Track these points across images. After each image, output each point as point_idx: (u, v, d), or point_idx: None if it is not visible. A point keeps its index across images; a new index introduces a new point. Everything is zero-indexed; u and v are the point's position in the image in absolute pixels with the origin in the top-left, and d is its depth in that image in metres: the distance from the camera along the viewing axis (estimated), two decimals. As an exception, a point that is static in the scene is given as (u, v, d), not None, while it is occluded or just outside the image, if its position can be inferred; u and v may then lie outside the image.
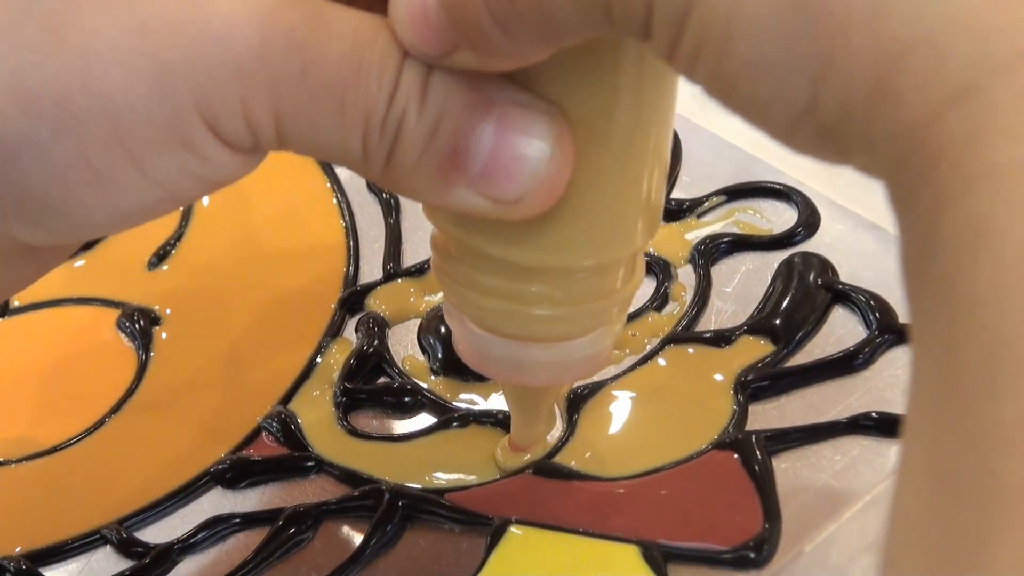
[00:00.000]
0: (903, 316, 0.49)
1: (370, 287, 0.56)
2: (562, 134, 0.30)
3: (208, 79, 0.28)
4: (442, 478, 0.48)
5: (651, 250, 0.55)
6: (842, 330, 0.51)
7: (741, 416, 0.48)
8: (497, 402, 0.50)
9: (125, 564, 0.46)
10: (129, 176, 0.30)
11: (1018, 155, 0.21)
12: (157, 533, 0.48)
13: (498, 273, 0.35)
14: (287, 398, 0.52)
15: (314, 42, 0.29)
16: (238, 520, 0.47)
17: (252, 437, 0.50)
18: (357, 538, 0.46)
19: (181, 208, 0.62)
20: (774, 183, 0.57)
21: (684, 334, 0.51)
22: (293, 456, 0.49)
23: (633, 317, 0.53)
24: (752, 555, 0.42)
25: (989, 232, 0.21)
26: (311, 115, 0.29)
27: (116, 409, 0.53)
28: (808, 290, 0.52)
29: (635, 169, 0.33)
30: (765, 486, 0.44)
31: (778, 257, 0.54)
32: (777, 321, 0.51)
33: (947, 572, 0.20)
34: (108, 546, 0.47)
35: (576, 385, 0.50)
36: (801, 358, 0.50)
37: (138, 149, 0.29)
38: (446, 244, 0.36)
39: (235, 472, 0.49)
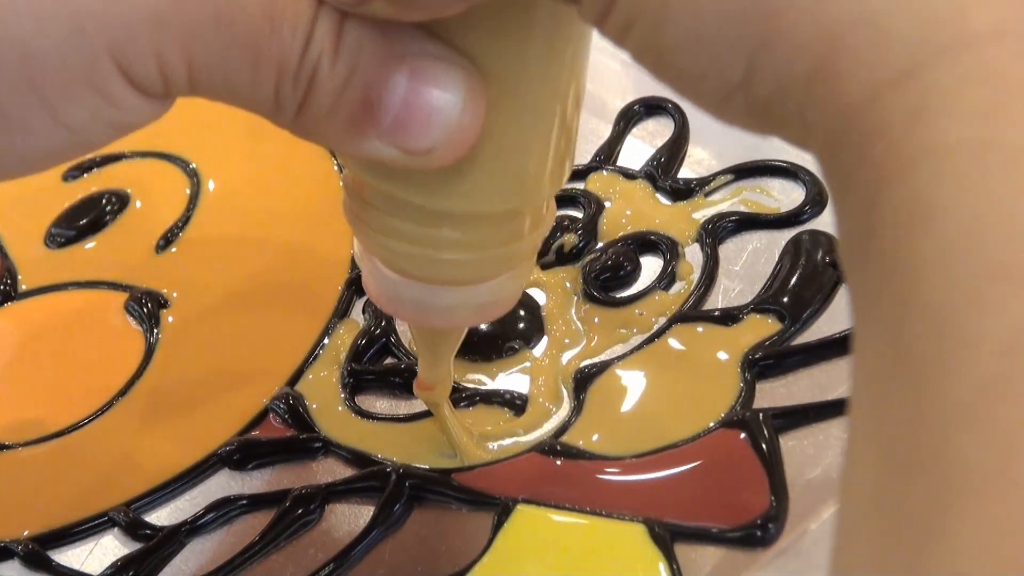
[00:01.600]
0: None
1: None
2: (474, 86, 0.30)
3: (123, 25, 0.28)
4: (449, 458, 0.48)
5: (658, 229, 0.55)
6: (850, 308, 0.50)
7: (748, 394, 0.47)
8: (504, 382, 0.50)
9: (133, 546, 0.47)
10: (40, 121, 0.30)
11: (962, 135, 0.21)
12: (165, 515, 0.48)
13: (408, 217, 0.35)
14: (295, 379, 0.52)
15: None
16: (245, 502, 0.47)
17: (260, 419, 0.51)
18: (364, 519, 0.46)
19: (188, 191, 0.62)
20: (781, 161, 0.57)
21: (691, 313, 0.51)
22: (300, 437, 0.49)
23: (640, 296, 0.52)
24: (759, 533, 0.42)
25: (933, 210, 0.21)
26: (224, 63, 0.29)
27: (124, 392, 0.53)
28: (816, 268, 0.52)
29: (545, 121, 0.33)
30: (772, 464, 0.44)
31: (786, 235, 0.54)
32: (785, 299, 0.50)
33: (904, 554, 0.20)
34: (116, 528, 0.47)
35: (583, 364, 0.50)
36: (808, 336, 0.50)
37: (51, 95, 0.29)
38: (358, 187, 0.37)
39: (243, 454, 0.49)
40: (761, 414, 0.46)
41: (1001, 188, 0.20)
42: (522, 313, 0.52)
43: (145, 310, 0.56)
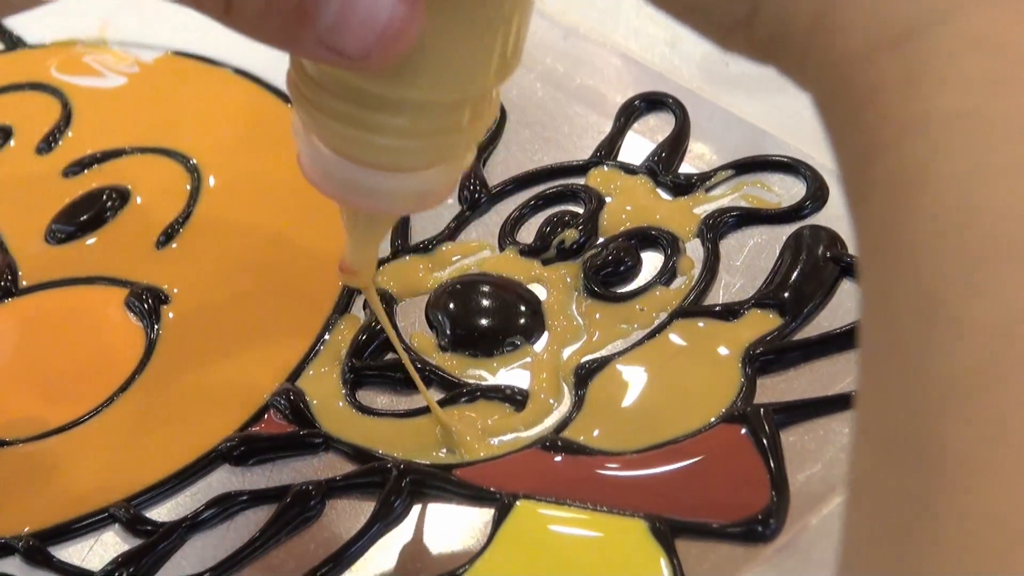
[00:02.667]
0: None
1: (378, 263, 0.56)
2: None
3: None
4: (449, 453, 0.48)
5: (659, 224, 0.55)
6: (850, 303, 0.50)
7: (749, 389, 0.47)
8: (505, 378, 0.50)
9: (134, 543, 0.47)
10: None
11: (955, 105, 0.21)
12: (166, 511, 0.48)
13: (349, 99, 0.35)
14: (295, 375, 0.52)
15: None
16: (246, 497, 0.47)
17: (260, 414, 0.50)
18: (365, 514, 0.46)
19: (189, 187, 0.62)
20: (782, 156, 0.57)
21: (692, 308, 0.51)
22: (301, 433, 0.49)
23: (641, 291, 0.52)
24: (760, 528, 0.42)
25: (926, 181, 0.21)
26: None
27: (124, 388, 0.53)
28: (817, 263, 0.52)
29: (487, 13, 0.33)
30: (773, 459, 0.44)
31: (787, 230, 0.54)
32: (785, 294, 0.50)
33: (894, 538, 0.20)
34: (117, 525, 0.47)
35: (584, 359, 0.50)
36: (809, 331, 0.50)
37: None
38: (302, 63, 0.36)
39: (243, 450, 0.49)
40: (762, 409, 0.46)
41: (995, 161, 0.20)
42: (523, 308, 0.52)
43: (146, 306, 0.56)
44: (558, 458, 0.46)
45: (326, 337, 0.53)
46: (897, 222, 0.21)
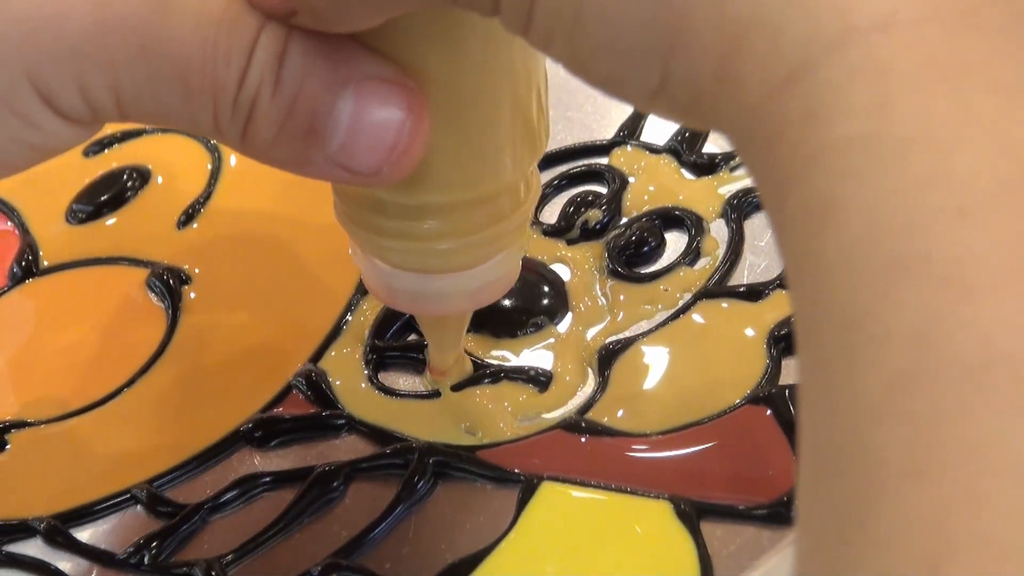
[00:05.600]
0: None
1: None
2: (416, 103, 0.31)
3: (40, 56, 0.29)
4: (473, 435, 0.47)
5: (683, 204, 0.55)
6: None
7: (775, 371, 0.47)
8: (529, 358, 0.50)
9: (155, 524, 0.46)
10: None
11: (851, 132, 0.21)
12: (187, 492, 0.48)
13: (390, 214, 0.37)
14: (317, 356, 0.52)
15: (152, 23, 0.29)
16: (269, 479, 0.47)
17: (282, 396, 0.50)
18: (388, 496, 0.45)
19: (209, 167, 0.62)
20: (808, 135, 0.56)
21: (717, 288, 0.51)
22: (323, 414, 0.49)
23: (665, 272, 0.52)
24: (785, 511, 0.42)
25: (834, 208, 0.21)
26: (154, 93, 0.30)
27: (146, 369, 0.53)
28: (842, 243, 0.51)
29: (495, 111, 0.35)
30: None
31: (812, 210, 0.53)
32: (811, 275, 0.50)
33: (831, 550, 0.20)
34: (138, 506, 0.47)
35: (608, 340, 0.50)
36: (835, 312, 0.49)
37: None
38: (341, 189, 0.38)
39: (265, 431, 0.49)
40: (787, 391, 0.46)
41: (893, 181, 0.21)
42: (546, 289, 0.52)
43: (167, 287, 0.55)
44: (582, 439, 0.46)
45: (348, 317, 0.53)
46: (812, 249, 0.22)
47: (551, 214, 0.56)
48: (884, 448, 0.19)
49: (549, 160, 0.58)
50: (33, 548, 0.46)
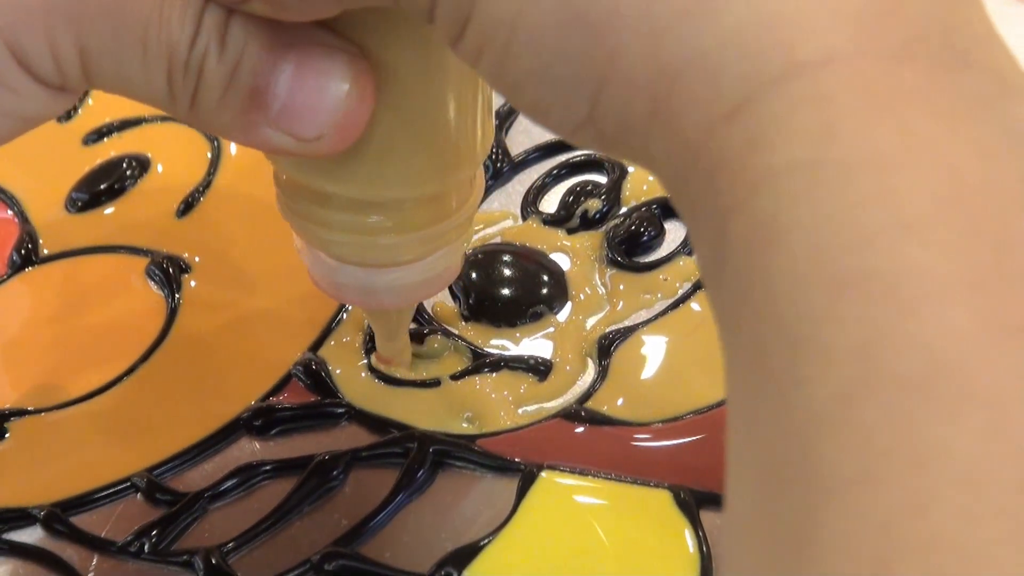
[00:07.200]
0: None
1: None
2: (360, 73, 0.32)
3: (14, 9, 0.29)
4: (473, 424, 0.47)
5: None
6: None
7: (775, 360, 0.47)
8: (528, 347, 0.50)
9: (155, 512, 0.46)
10: None
11: (795, 157, 0.22)
12: (187, 481, 0.48)
13: (336, 207, 0.37)
14: (317, 344, 0.52)
15: None
16: (268, 468, 0.47)
17: (282, 384, 0.50)
18: (388, 484, 0.45)
19: (209, 155, 0.62)
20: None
21: (716, 278, 0.51)
22: (323, 403, 0.49)
23: (665, 261, 0.52)
24: (786, 500, 0.42)
25: (778, 230, 0.22)
26: (115, 52, 0.30)
27: (145, 357, 0.53)
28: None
29: (439, 110, 0.35)
30: (799, 430, 0.44)
31: (812, 199, 0.53)
32: (811, 264, 0.50)
33: (783, 560, 0.21)
34: (138, 494, 0.47)
35: (608, 329, 0.50)
36: (835, 301, 0.49)
37: None
38: (287, 181, 0.39)
39: (265, 420, 0.49)
40: (788, 380, 0.46)
41: (835, 202, 0.21)
42: (546, 278, 0.52)
43: (167, 275, 0.55)
44: (582, 428, 0.46)
45: (348, 306, 0.53)
46: (757, 267, 0.22)
47: (551, 203, 0.56)
48: (831, 458, 0.20)
49: (549, 149, 0.58)
50: (33, 536, 0.46)
